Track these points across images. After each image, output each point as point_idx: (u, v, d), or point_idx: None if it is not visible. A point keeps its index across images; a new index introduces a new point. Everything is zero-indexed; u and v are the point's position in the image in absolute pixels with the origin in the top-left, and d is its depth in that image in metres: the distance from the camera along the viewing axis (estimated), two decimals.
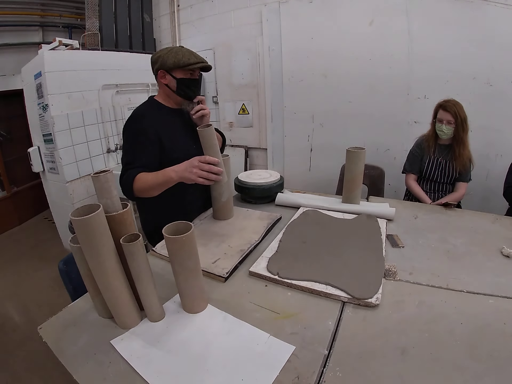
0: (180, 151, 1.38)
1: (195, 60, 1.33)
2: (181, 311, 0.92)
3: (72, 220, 0.70)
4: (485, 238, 1.26)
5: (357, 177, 1.53)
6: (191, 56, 1.33)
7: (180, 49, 1.35)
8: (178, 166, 1.18)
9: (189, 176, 1.13)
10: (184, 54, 1.33)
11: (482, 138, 2.43)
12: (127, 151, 1.33)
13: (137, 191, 1.23)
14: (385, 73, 2.66)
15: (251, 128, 3.46)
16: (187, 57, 1.32)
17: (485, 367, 0.70)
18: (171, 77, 1.36)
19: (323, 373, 0.70)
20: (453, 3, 2.33)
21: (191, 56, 1.33)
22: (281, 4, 2.90)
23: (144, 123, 1.33)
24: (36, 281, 2.77)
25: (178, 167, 1.17)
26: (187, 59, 1.32)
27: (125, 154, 1.33)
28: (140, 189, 1.23)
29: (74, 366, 0.75)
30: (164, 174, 1.19)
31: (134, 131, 1.33)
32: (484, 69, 2.36)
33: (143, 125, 1.32)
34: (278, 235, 1.30)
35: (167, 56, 1.32)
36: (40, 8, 3.64)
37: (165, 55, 1.33)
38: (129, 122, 1.36)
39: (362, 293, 0.91)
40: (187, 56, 1.32)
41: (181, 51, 1.34)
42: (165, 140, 1.36)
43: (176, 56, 1.32)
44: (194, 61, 1.32)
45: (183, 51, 1.34)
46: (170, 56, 1.32)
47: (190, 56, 1.33)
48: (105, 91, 2.90)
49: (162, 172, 1.20)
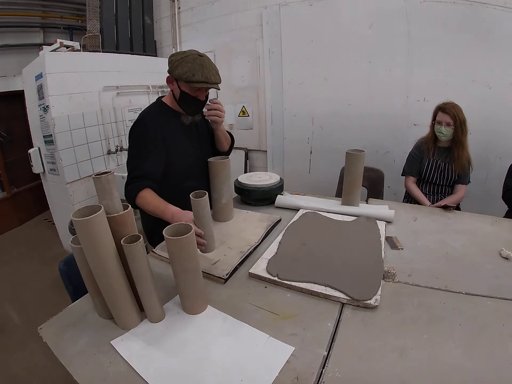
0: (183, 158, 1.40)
1: (198, 79, 1.19)
2: (181, 312, 0.92)
3: (74, 221, 0.70)
4: (484, 240, 1.27)
5: (357, 179, 1.53)
6: (198, 73, 1.18)
7: (195, 60, 1.20)
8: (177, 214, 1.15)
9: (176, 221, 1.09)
10: (194, 68, 1.18)
11: (481, 141, 2.44)
12: (133, 157, 1.31)
13: (138, 204, 1.26)
14: (385, 75, 2.68)
15: (251, 130, 3.48)
16: (193, 71, 1.18)
17: (483, 368, 0.70)
18: (177, 85, 1.28)
19: (322, 373, 0.70)
20: (452, 6, 2.35)
21: (198, 73, 1.18)
22: (281, 7, 2.91)
23: (151, 129, 1.30)
24: (36, 282, 2.77)
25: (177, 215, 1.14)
26: (192, 74, 1.18)
27: (131, 159, 1.32)
28: (140, 205, 1.25)
29: (74, 366, 0.75)
30: (164, 211, 1.18)
31: (141, 137, 1.30)
32: (483, 71, 2.37)
33: (149, 131, 1.30)
34: (278, 237, 1.30)
35: (178, 63, 1.21)
36: (41, 9, 3.66)
37: (177, 61, 1.21)
38: (136, 127, 1.33)
39: (361, 294, 0.92)
40: (194, 71, 1.18)
41: (194, 63, 1.19)
42: (170, 146, 1.35)
43: (184, 67, 1.19)
44: (197, 79, 1.19)
45: (196, 63, 1.19)
46: (181, 64, 1.20)
47: (198, 72, 1.18)
48: (105, 93, 2.91)
49: (164, 206, 1.19)
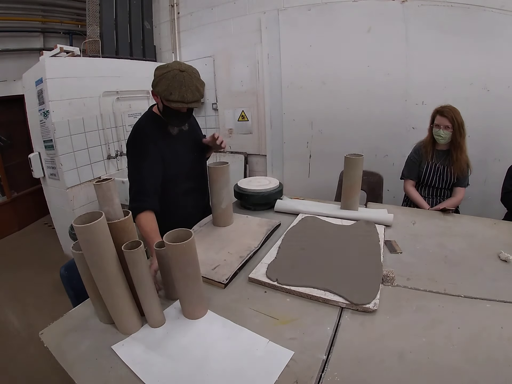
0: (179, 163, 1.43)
1: (175, 98, 1.20)
2: (181, 317, 0.93)
3: (75, 227, 0.71)
4: (483, 243, 1.27)
5: (356, 183, 1.54)
6: (176, 92, 1.19)
7: (174, 77, 1.20)
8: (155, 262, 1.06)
9: None
10: (172, 86, 1.19)
11: (480, 143, 2.45)
12: (132, 170, 1.34)
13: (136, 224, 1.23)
14: (383, 79, 2.69)
15: (250, 135, 3.48)
16: (171, 90, 1.19)
17: (482, 371, 0.70)
18: (160, 100, 1.29)
19: (322, 378, 0.71)
20: (450, 9, 2.37)
21: (176, 92, 1.19)
22: (280, 12, 2.93)
23: (145, 141, 1.33)
24: (37, 287, 2.77)
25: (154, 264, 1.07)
26: (169, 93, 1.20)
27: (130, 172, 1.34)
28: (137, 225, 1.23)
29: (76, 371, 0.76)
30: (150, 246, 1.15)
31: (136, 150, 1.34)
32: (481, 74, 2.38)
33: (144, 143, 1.33)
34: (277, 241, 1.31)
35: (158, 80, 1.22)
36: (41, 14, 3.68)
37: (158, 77, 1.23)
38: (131, 140, 1.36)
39: (360, 298, 0.92)
40: (172, 90, 1.19)
41: (173, 80, 1.20)
42: (166, 153, 1.37)
43: (163, 84, 1.21)
44: (173, 99, 1.20)
45: (175, 81, 1.20)
46: (161, 81, 1.21)
47: (175, 91, 1.19)
48: (105, 98, 2.93)
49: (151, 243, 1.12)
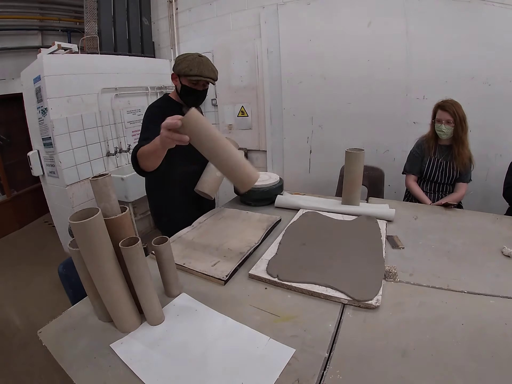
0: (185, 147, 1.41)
1: (194, 73, 1.42)
2: (181, 314, 0.92)
3: (71, 224, 0.70)
4: (485, 238, 1.26)
5: (357, 178, 1.53)
6: (195, 68, 1.42)
7: (194, 59, 1.44)
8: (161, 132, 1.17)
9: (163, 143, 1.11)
10: (192, 64, 1.42)
11: (481, 138, 2.43)
12: (141, 131, 1.49)
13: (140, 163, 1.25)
14: (384, 74, 2.66)
15: (250, 130, 3.46)
16: (191, 67, 1.42)
17: (486, 368, 0.69)
18: (179, 81, 1.51)
19: (324, 375, 0.70)
20: (450, 3, 2.34)
21: (195, 68, 1.42)
22: (279, 7, 2.90)
23: (155, 112, 1.50)
24: (36, 285, 2.77)
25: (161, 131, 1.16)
26: (189, 69, 1.42)
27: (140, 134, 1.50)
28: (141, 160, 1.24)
29: (74, 369, 0.74)
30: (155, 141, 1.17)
31: (145, 121, 1.50)
32: (483, 68, 2.36)
33: (152, 116, 1.48)
34: (278, 237, 1.30)
35: (181, 62, 1.45)
36: (39, 12, 3.65)
37: (181, 60, 1.45)
38: (146, 112, 1.55)
39: (362, 295, 0.91)
40: (191, 67, 1.42)
41: (193, 61, 1.43)
42: None
43: (184, 64, 1.43)
44: (193, 73, 1.43)
45: (195, 61, 1.43)
46: (183, 62, 1.44)
47: (195, 68, 1.42)
48: (104, 95, 2.91)
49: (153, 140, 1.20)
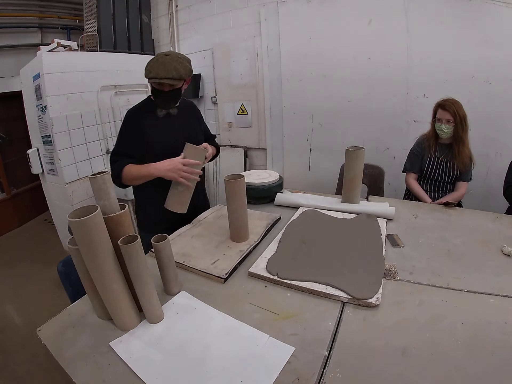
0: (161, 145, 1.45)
1: (151, 75, 1.32)
2: (180, 312, 0.91)
3: (70, 221, 0.69)
4: (485, 237, 1.26)
5: (357, 176, 1.52)
6: (153, 70, 1.31)
7: (158, 59, 1.33)
8: (160, 164, 1.31)
9: (172, 175, 1.28)
10: (152, 66, 1.32)
11: (482, 137, 2.42)
12: (117, 140, 1.50)
13: (124, 181, 1.40)
14: (384, 72, 2.65)
15: (250, 128, 3.46)
16: (150, 69, 1.32)
17: (486, 367, 0.69)
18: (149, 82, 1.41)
19: (323, 374, 0.70)
20: (451, 1, 2.33)
21: (153, 70, 1.31)
22: (279, 4, 2.89)
23: (132, 118, 1.47)
24: (36, 283, 2.77)
25: (161, 165, 1.31)
26: (148, 72, 1.33)
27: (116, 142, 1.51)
28: (126, 180, 1.40)
29: (73, 368, 0.74)
30: (147, 170, 1.34)
31: (123, 125, 1.49)
32: (483, 67, 2.35)
33: (130, 120, 1.47)
34: (278, 235, 1.30)
35: (147, 64, 1.36)
36: (39, 9, 3.63)
37: (149, 62, 1.36)
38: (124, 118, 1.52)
39: (362, 293, 0.91)
40: (151, 69, 1.32)
41: (156, 62, 1.32)
42: (148, 134, 1.43)
43: (148, 66, 1.34)
44: (150, 76, 1.32)
45: (157, 62, 1.32)
46: (148, 64, 1.35)
47: (153, 70, 1.31)
48: (103, 92, 2.90)
49: (145, 167, 1.35)
